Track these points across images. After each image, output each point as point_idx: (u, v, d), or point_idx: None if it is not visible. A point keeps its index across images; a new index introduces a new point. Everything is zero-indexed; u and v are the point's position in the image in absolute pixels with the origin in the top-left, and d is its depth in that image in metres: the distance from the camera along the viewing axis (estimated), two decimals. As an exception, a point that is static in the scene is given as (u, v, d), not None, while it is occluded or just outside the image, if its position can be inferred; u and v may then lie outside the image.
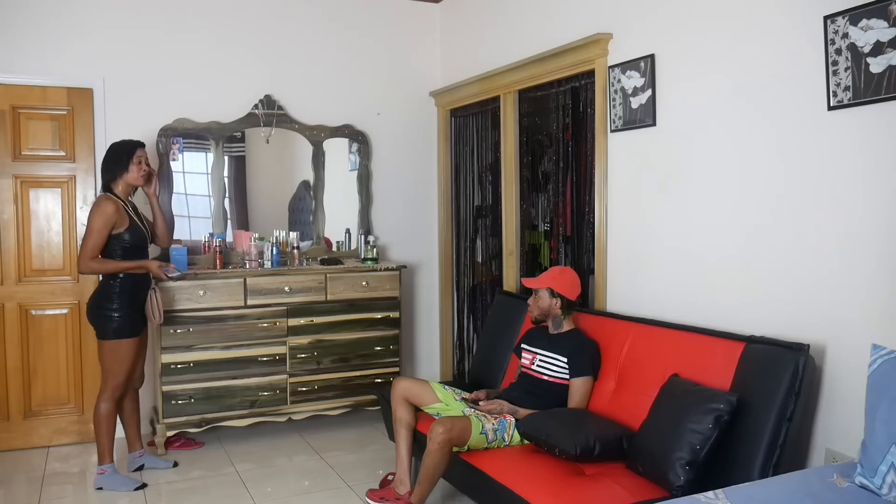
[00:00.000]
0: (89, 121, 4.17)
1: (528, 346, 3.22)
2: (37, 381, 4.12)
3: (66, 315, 4.16)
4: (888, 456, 1.86)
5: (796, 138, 2.54)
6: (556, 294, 3.09)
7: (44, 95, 4.07)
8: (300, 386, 4.23)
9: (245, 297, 4.09)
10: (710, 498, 1.87)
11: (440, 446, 2.78)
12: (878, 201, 2.29)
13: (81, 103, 4.15)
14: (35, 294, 4.11)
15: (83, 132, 4.16)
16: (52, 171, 4.13)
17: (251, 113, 4.51)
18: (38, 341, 4.11)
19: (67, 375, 4.17)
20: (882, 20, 2.22)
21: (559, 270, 3.21)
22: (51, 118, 4.10)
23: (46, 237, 4.13)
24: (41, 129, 4.09)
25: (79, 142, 4.15)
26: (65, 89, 4.11)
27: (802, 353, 2.31)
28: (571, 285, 3.13)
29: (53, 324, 4.14)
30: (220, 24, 4.45)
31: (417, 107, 5.04)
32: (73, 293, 4.16)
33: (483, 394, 3.25)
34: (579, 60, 3.56)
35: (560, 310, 3.11)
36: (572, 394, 2.99)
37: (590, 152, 3.60)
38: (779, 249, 2.62)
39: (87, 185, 4.17)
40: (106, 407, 3.47)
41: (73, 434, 4.18)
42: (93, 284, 3.71)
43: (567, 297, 3.10)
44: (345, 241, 4.84)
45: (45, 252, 4.12)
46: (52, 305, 4.14)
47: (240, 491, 3.48)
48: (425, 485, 2.88)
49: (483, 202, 4.70)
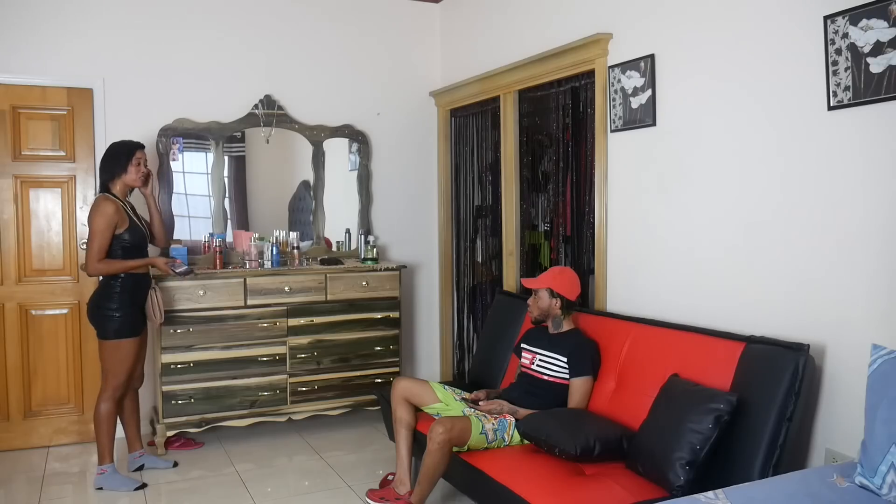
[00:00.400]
0: (89, 121, 4.17)
1: (528, 346, 3.22)
2: (37, 381, 4.12)
3: (66, 315, 4.16)
4: (888, 456, 1.86)
5: (796, 138, 2.54)
6: (556, 294, 3.09)
7: (44, 95, 4.08)
8: (300, 386, 4.23)
9: (245, 297, 4.09)
10: (710, 498, 1.87)
11: (440, 446, 2.78)
12: (878, 201, 2.29)
13: (81, 103, 4.15)
14: (35, 294, 4.11)
15: (83, 132, 4.16)
16: (52, 171, 4.13)
17: (251, 113, 4.51)
18: (38, 341, 4.11)
19: (67, 375, 4.17)
20: (882, 20, 2.22)
21: (559, 270, 3.21)
22: (51, 118, 4.10)
23: (46, 237, 4.13)
24: (41, 128, 4.09)
25: (79, 142, 4.16)
26: (65, 89, 4.11)
27: (802, 353, 2.31)
28: (571, 285, 3.13)
29: (53, 324, 4.14)
30: (220, 23, 4.45)
31: (417, 107, 5.04)
32: (73, 293, 4.16)
33: (483, 394, 3.25)
34: (579, 60, 3.56)
35: (560, 310, 3.11)
36: (572, 394, 2.99)
37: (590, 152, 3.60)
38: (779, 249, 2.62)
39: (87, 185, 4.18)
40: (106, 407, 3.47)
41: (73, 434, 4.18)
42: (93, 284, 3.71)
43: (567, 298, 3.10)
44: (345, 241, 4.84)
45: (44, 252, 4.12)
46: (52, 305, 4.14)
47: (240, 491, 3.48)
48: (425, 485, 2.89)
49: (483, 202, 4.70)
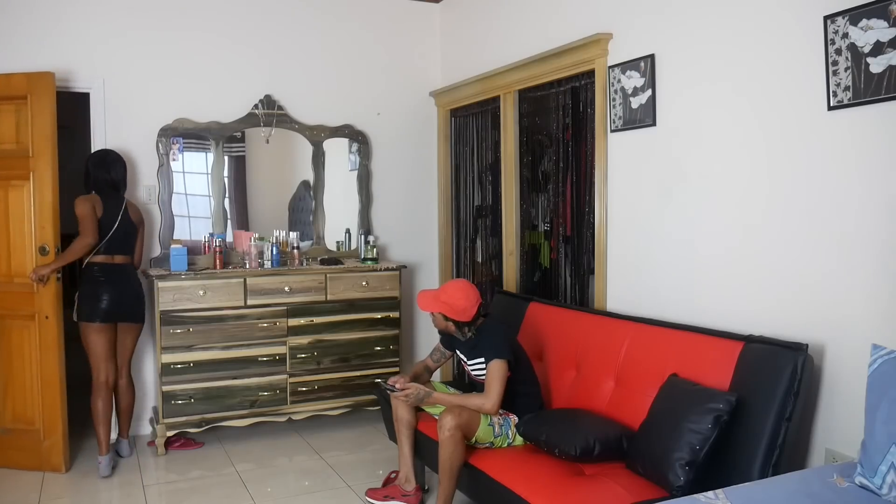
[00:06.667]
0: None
1: (458, 352, 3.22)
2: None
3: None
4: (888, 456, 1.85)
5: (796, 138, 2.54)
6: (449, 319, 3.05)
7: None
8: (300, 386, 4.23)
9: (245, 297, 4.09)
10: (709, 498, 1.87)
11: (451, 434, 2.77)
12: (877, 201, 2.29)
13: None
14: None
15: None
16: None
17: (251, 113, 4.52)
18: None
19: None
20: (882, 20, 2.22)
21: (453, 289, 3.06)
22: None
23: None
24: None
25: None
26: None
27: (801, 353, 2.31)
28: (464, 308, 3.00)
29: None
30: (221, 24, 4.45)
31: (417, 107, 5.04)
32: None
33: (400, 380, 3.17)
34: (579, 60, 3.56)
35: (456, 328, 3.07)
36: (487, 376, 2.94)
37: (590, 152, 3.60)
38: (778, 249, 2.62)
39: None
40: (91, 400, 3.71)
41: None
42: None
43: (460, 321, 3.03)
44: (345, 241, 4.84)
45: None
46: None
47: (240, 491, 3.49)
48: (446, 481, 2.83)
49: (483, 202, 4.70)
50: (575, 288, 3.84)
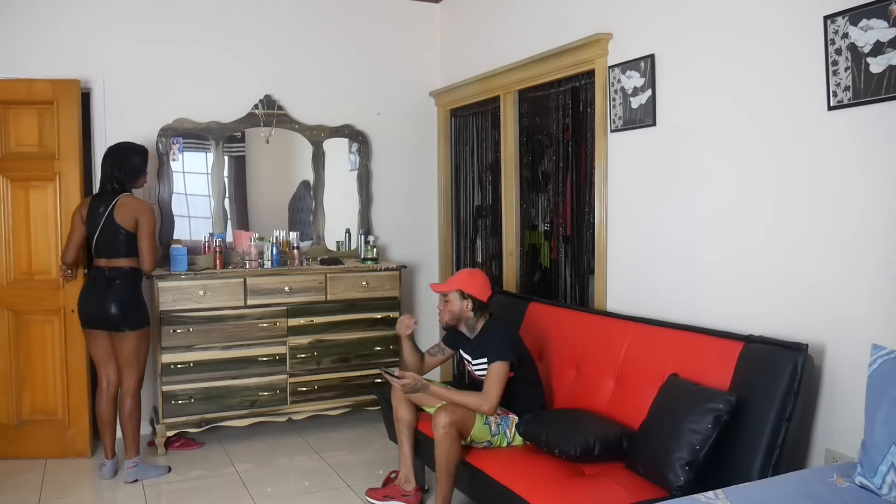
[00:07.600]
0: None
1: (461, 352, 3.23)
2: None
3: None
4: (888, 456, 1.86)
5: (796, 138, 2.54)
6: (468, 296, 3.06)
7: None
8: (300, 386, 4.23)
9: (245, 297, 4.09)
10: (710, 498, 1.87)
11: (446, 431, 2.77)
12: (878, 201, 2.29)
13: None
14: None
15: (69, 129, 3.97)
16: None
17: (251, 113, 4.52)
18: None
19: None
20: (882, 20, 2.22)
21: (468, 273, 3.17)
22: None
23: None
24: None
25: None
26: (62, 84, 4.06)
27: (801, 353, 2.31)
28: (482, 286, 3.09)
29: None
30: (221, 24, 4.45)
31: (417, 107, 5.04)
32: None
33: (400, 372, 3.16)
34: (579, 60, 3.56)
35: (472, 312, 3.08)
36: (488, 377, 2.94)
37: (590, 152, 3.60)
38: (778, 249, 2.62)
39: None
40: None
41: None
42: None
43: (478, 299, 3.07)
44: (345, 241, 4.84)
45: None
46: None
47: (240, 491, 3.49)
48: (444, 479, 2.83)
49: (483, 202, 4.70)
50: (575, 288, 3.84)
